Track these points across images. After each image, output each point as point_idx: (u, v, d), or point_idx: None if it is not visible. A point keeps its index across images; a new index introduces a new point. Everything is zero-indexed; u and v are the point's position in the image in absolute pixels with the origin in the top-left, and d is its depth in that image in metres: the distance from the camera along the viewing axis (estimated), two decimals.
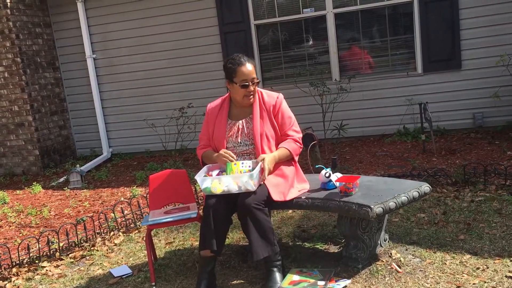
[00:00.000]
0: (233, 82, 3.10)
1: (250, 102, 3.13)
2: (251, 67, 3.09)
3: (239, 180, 2.86)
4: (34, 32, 7.27)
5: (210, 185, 2.89)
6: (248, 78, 3.06)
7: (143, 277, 3.32)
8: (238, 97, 3.12)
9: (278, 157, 3.08)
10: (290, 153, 3.13)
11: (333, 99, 6.33)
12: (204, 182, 2.91)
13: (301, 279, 2.90)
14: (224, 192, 2.88)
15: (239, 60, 3.09)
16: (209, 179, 2.91)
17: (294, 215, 4.19)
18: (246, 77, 3.06)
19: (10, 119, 7.22)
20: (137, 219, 4.48)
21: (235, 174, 2.94)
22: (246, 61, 3.09)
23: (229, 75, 3.12)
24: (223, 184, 2.88)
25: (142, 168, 6.66)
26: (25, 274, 3.60)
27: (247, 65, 3.08)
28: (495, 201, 3.91)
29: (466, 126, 6.38)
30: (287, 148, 3.13)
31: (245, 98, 3.11)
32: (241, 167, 2.98)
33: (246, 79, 3.06)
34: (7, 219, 5.10)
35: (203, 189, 2.92)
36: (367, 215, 2.79)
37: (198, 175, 2.98)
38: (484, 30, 6.10)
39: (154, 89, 7.28)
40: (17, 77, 7.05)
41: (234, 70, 3.08)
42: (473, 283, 2.73)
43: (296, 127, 3.22)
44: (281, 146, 3.13)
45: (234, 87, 3.10)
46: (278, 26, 6.83)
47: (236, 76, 3.08)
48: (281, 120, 3.17)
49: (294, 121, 3.23)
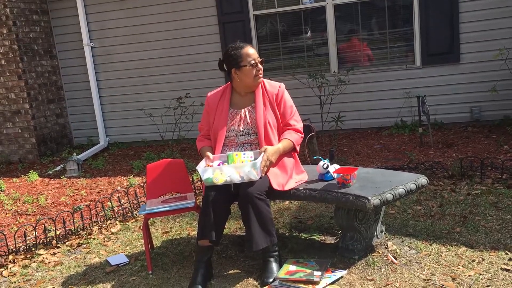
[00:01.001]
0: (241, 67, 3.09)
1: (259, 82, 3.17)
2: (253, 49, 3.16)
3: (242, 170, 2.85)
4: (32, 19, 7.22)
5: (212, 175, 2.86)
6: (255, 57, 3.11)
7: (140, 265, 3.33)
8: (249, 79, 3.12)
9: (282, 149, 3.08)
10: (293, 144, 3.14)
11: (331, 91, 6.33)
12: (205, 172, 2.87)
13: (297, 269, 2.91)
14: (226, 182, 2.86)
15: (240, 45, 3.14)
16: (210, 169, 2.88)
17: (291, 206, 4.20)
18: (254, 56, 3.11)
19: (7, 106, 7.18)
20: (134, 208, 4.49)
21: (237, 164, 2.92)
22: (247, 44, 3.17)
23: (234, 61, 3.12)
24: (225, 174, 2.85)
25: (139, 157, 6.65)
26: (22, 262, 3.61)
27: (250, 46, 3.15)
28: (491, 194, 3.93)
29: (463, 119, 6.39)
30: (290, 139, 3.13)
31: (255, 79, 3.13)
32: (243, 158, 2.96)
33: (254, 58, 3.10)
34: (3, 207, 5.09)
35: (204, 179, 2.88)
36: (365, 207, 2.80)
37: (199, 166, 2.96)
38: (483, 24, 6.10)
39: (151, 78, 7.26)
40: (14, 64, 7.01)
41: (240, 54, 3.10)
42: (468, 275, 2.75)
43: (297, 117, 3.23)
44: (285, 138, 3.13)
45: (244, 70, 3.09)
46: (277, 17, 6.80)
47: (243, 60, 3.09)
48: (283, 109, 3.17)
49: (295, 111, 3.24)
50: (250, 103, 3.18)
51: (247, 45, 3.15)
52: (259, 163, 2.87)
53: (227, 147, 3.13)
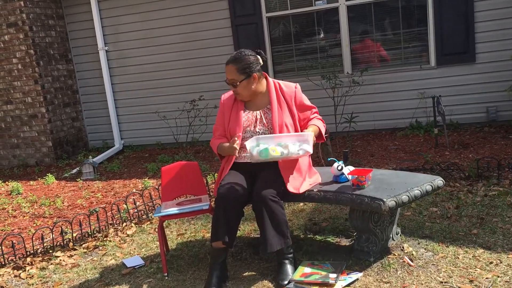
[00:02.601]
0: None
1: (238, 99, 3.19)
2: (230, 69, 3.07)
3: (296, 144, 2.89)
4: (47, 24, 7.32)
5: (269, 147, 2.84)
6: (227, 78, 3.12)
7: (156, 267, 3.35)
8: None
9: (314, 132, 3.12)
10: (320, 130, 3.19)
11: (345, 92, 6.30)
12: (256, 147, 2.85)
13: (312, 272, 2.90)
14: (283, 154, 2.86)
15: (228, 59, 3.13)
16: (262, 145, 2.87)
17: (305, 208, 4.19)
18: (226, 76, 3.12)
19: (24, 110, 7.28)
20: (149, 211, 4.52)
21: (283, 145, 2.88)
22: (229, 62, 3.10)
23: None
24: (282, 146, 2.86)
25: (154, 160, 6.69)
26: (39, 264, 3.65)
27: (228, 66, 3.09)
28: (508, 195, 3.87)
29: (479, 120, 6.31)
30: (317, 125, 3.19)
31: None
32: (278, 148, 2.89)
33: (227, 77, 3.12)
34: (21, 209, 5.16)
35: (259, 151, 2.83)
36: (380, 208, 2.78)
37: (248, 142, 2.88)
38: (499, 23, 6.02)
39: (165, 81, 7.30)
40: (30, 69, 7.11)
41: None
42: (486, 278, 2.71)
43: (315, 109, 3.32)
44: (312, 124, 3.18)
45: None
46: (290, 19, 6.80)
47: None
48: (304, 107, 3.22)
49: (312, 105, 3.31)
50: (265, 105, 3.18)
51: (228, 63, 3.09)
52: (311, 137, 2.92)
53: (242, 149, 3.13)
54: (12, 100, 7.29)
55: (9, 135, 7.44)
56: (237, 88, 3.09)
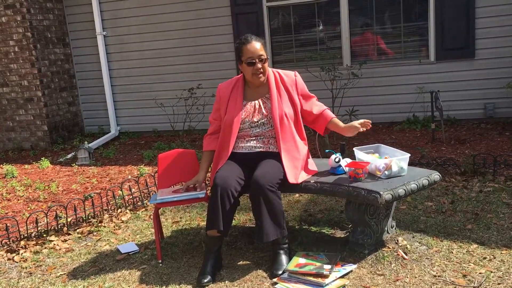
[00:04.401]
0: (241, 62, 3.09)
1: (260, 81, 3.09)
2: (257, 45, 3.04)
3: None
4: (45, 7, 7.24)
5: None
6: (254, 56, 3.02)
7: (150, 254, 3.35)
8: (248, 76, 3.10)
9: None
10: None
11: (344, 84, 6.29)
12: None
13: (307, 262, 2.91)
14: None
15: (245, 39, 3.07)
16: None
17: (301, 199, 4.19)
18: (252, 54, 3.02)
19: (20, 93, 7.23)
20: (144, 198, 4.51)
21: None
22: (252, 39, 3.06)
23: (237, 55, 3.13)
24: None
25: (150, 147, 6.67)
26: (33, 247, 3.64)
27: (253, 42, 3.04)
28: (503, 192, 3.89)
29: (476, 116, 6.33)
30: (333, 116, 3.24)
31: (254, 77, 3.07)
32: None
33: (251, 56, 3.02)
34: (15, 193, 5.14)
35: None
36: (376, 201, 2.78)
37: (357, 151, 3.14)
38: (500, 19, 6.01)
39: (163, 68, 7.26)
40: (27, 51, 7.04)
41: (241, 49, 3.07)
42: (479, 272, 2.73)
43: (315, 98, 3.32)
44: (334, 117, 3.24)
45: (243, 66, 3.09)
46: (290, 9, 6.76)
47: (243, 55, 3.06)
48: (307, 95, 3.23)
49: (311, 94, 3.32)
50: (264, 94, 3.16)
51: (252, 40, 3.05)
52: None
53: (240, 139, 3.12)
54: (8, 83, 7.23)
55: (5, 118, 7.39)
56: (266, 63, 3.08)
